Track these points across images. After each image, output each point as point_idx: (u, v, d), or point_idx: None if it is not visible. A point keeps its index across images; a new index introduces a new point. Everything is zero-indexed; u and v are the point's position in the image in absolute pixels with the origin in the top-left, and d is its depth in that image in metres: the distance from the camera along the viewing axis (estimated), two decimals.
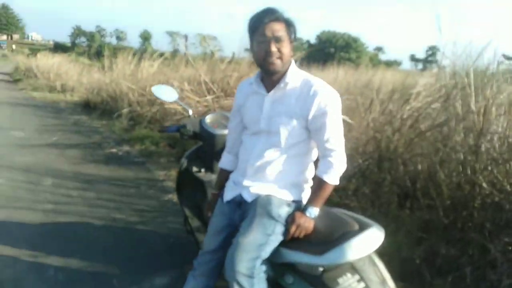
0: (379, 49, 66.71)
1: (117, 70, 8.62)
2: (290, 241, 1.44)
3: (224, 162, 1.74)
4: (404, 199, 2.86)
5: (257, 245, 1.39)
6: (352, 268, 1.36)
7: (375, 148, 3.51)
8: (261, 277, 1.40)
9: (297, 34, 1.50)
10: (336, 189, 3.16)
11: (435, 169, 2.58)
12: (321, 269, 1.36)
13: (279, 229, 1.44)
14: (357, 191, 3.09)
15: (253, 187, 1.51)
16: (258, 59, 1.46)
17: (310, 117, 1.44)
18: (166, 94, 2.21)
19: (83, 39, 64.66)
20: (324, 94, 1.43)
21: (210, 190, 1.89)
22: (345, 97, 5.41)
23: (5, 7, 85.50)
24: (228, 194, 1.60)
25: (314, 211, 1.45)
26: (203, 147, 2.16)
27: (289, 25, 1.45)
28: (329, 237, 1.39)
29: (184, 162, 2.18)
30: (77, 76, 13.35)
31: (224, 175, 1.70)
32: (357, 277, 1.35)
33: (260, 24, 1.41)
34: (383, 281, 1.40)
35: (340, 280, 1.34)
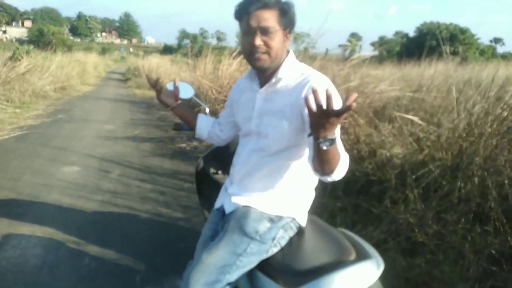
0: (497, 40, 58.25)
1: (200, 69, 9.00)
2: (267, 265, 1.21)
3: (202, 124, 1.67)
4: (476, 220, 2.31)
5: (219, 266, 1.18)
6: None
7: (455, 155, 2.96)
8: None
9: (295, 21, 1.25)
10: (395, 201, 2.79)
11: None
12: None
13: (254, 248, 1.21)
14: (416, 204, 2.60)
15: (235, 197, 1.31)
16: (244, 53, 1.25)
17: (304, 117, 1.18)
18: (183, 90, 2.11)
19: (187, 40, 70.08)
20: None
21: None
22: (433, 95, 4.77)
23: (127, 15, 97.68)
24: (218, 201, 1.43)
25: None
26: (220, 147, 2.02)
27: (283, 12, 1.19)
28: (313, 266, 1.12)
29: (200, 162, 2.07)
30: (174, 75, 14.38)
31: (193, 116, 1.68)
32: None
33: (245, 13, 1.18)
34: None
35: None
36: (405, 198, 2.75)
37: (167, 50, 57.59)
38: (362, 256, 1.13)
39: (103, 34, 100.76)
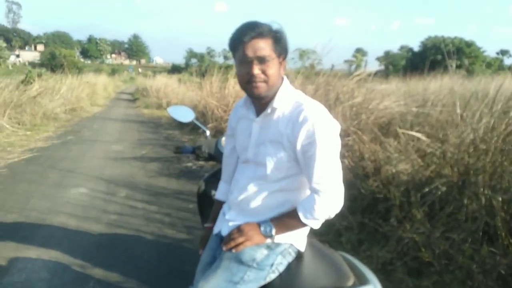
0: (504, 52, 58.00)
1: (207, 88, 9.11)
2: None
3: (219, 192, 1.56)
4: (484, 239, 2.26)
5: None
6: None
7: (462, 171, 2.91)
8: None
9: (287, 48, 1.27)
10: (400, 219, 2.75)
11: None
12: None
13: (252, 276, 1.21)
14: (423, 224, 2.56)
15: (233, 223, 1.30)
16: (241, 83, 1.26)
17: (298, 147, 1.18)
18: (183, 114, 2.15)
19: (195, 60, 71.13)
20: (315, 121, 1.16)
21: None
22: (439, 110, 4.74)
23: (135, 37, 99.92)
24: (216, 226, 1.43)
25: (270, 231, 1.22)
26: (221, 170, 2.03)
27: (277, 40, 1.21)
28: None
29: (201, 184, 2.08)
30: (181, 95, 14.54)
31: (219, 207, 1.52)
32: None
33: (239, 43, 1.19)
34: None
35: None
36: (411, 217, 2.71)
37: (175, 69, 58.51)
38: (360, 281, 1.12)
39: (113, 55, 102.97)
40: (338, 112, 4.66)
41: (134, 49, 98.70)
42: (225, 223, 1.34)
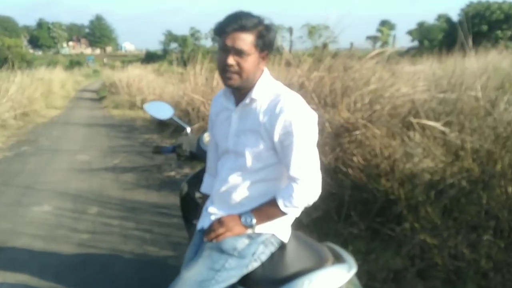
0: None
1: (191, 80, 9.50)
2: (248, 280, 1.57)
3: (205, 185, 1.94)
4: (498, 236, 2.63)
5: (198, 281, 1.55)
6: None
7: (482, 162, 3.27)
8: None
9: (273, 44, 1.62)
10: (413, 222, 3.11)
11: None
12: None
13: (233, 263, 1.58)
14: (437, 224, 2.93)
15: (214, 216, 1.68)
16: (218, 69, 1.62)
17: (275, 138, 1.54)
18: (161, 111, 2.52)
19: (175, 44, 71.80)
20: (291, 111, 1.51)
21: None
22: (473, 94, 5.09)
23: (99, 19, 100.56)
24: (200, 222, 1.81)
25: (251, 221, 1.58)
26: (204, 170, 2.39)
27: (261, 35, 1.54)
28: (291, 273, 1.48)
29: (184, 186, 2.44)
30: (159, 90, 14.92)
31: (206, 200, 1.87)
32: None
33: (222, 32, 1.54)
34: None
35: None
36: (426, 217, 3.07)
37: (150, 58, 59.18)
38: (338, 262, 1.49)
39: (70, 43, 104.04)
40: (350, 103, 5.01)
41: (98, 34, 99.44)
42: (207, 217, 1.72)
